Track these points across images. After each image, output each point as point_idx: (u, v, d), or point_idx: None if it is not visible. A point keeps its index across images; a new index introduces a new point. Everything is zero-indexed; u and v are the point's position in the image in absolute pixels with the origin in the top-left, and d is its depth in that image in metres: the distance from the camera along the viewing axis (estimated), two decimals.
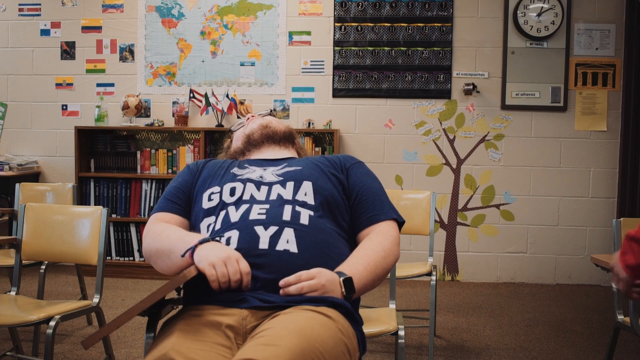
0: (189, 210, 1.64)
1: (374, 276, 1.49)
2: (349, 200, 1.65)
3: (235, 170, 1.68)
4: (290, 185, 1.58)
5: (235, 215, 1.51)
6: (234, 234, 1.45)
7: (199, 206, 1.60)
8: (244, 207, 1.52)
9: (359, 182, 1.68)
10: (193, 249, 1.40)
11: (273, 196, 1.55)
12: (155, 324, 1.52)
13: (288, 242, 1.44)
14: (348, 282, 1.41)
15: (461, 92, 4.63)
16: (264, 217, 1.48)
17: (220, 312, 1.35)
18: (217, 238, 1.47)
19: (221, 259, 1.34)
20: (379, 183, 1.72)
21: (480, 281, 4.68)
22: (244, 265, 1.37)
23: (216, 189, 1.60)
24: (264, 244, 1.43)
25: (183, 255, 1.40)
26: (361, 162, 1.77)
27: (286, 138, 1.84)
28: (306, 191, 1.57)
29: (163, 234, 1.53)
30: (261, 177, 1.62)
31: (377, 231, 1.59)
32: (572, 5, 4.57)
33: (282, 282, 1.36)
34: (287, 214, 1.49)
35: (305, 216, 1.51)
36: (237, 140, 1.89)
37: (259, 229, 1.45)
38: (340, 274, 1.42)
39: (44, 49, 4.98)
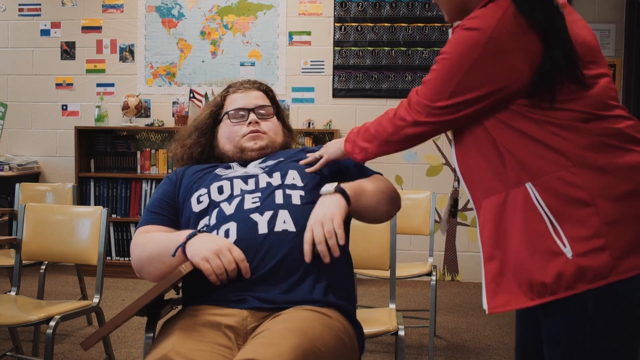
0: (175, 220, 1.62)
1: (362, 186, 1.54)
2: (339, 174, 1.66)
3: (219, 171, 1.66)
4: (277, 174, 1.58)
5: (229, 208, 1.50)
6: (231, 226, 1.45)
7: (189, 210, 1.58)
8: (236, 199, 1.52)
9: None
10: (183, 246, 1.39)
11: (262, 184, 1.55)
12: (155, 324, 1.52)
13: (285, 222, 1.44)
14: (326, 186, 1.48)
15: None
16: (258, 204, 1.48)
17: (221, 312, 1.35)
18: (203, 229, 1.46)
19: (213, 252, 1.34)
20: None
21: (480, 281, 4.67)
22: (237, 253, 1.36)
23: (203, 190, 1.58)
24: (262, 228, 1.43)
25: (174, 255, 1.39)
26: None
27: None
28: (294, 176, 1.58)
29: (150, 241, 1.51)
30: (245, 172, 1.62)
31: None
32: (572, 5, 4.56)
33: (307, 260, 1.38)
34: (279, 198, 1.50)
35: (296, 197, 1.51)
36: (226, 140, 1.73)
37: (255, 216, 1.45)
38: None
39: (44, 49, 4.98)
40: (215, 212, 1.52)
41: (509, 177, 1.24)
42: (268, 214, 1.45)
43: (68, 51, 4.96)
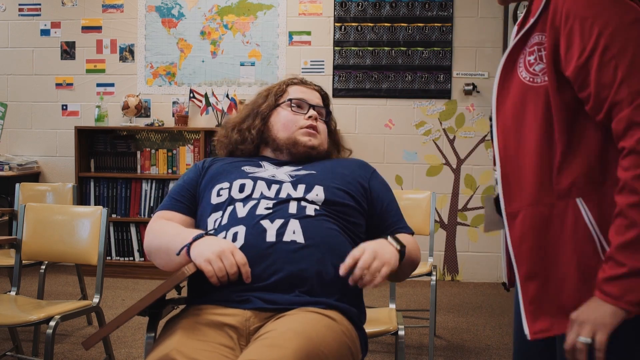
0: (193, 209, 1.63)
1: (409, 253, 1.50)
2: (371, 210, 1.63)
3: (247, 168, 1.64)
4: (301, 187, 1.55)
5: (242, 210, 1.49)
6: (240, 229, 1.44)
7: (206, 201, 1.58)
8: (251, 203, 1.50)
9: (381, 195, 1.66)
10: (188, 246, 1.39)
11: (282, 194, 1.52)
12: (156, 324, 1.52)
13: (294, 232, 1.42)
14: (394, 237, 1.44)
15: (461, 92, 4.63)
16: (270, 211, 1.47)
17: (223, 312, 1.35)
18: (211, 232, 1.47)
19: (216, 254, 1.34)
20: (392, 193, 1.74)
21: (480, 281, 4.68)
22: (240, 257, 1.35)
23: (225, 184, 1.57)
24: (271, 236, 1.41)
25: (178, 254, 1.40)
26: (375, 170, 1.75)
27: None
28: (317, 193, 1.54)
29: (161, 231, 1.53)
30: (273, 175, 1.60)
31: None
32: None
33: (342, 272, 1.36)
34: (293, 208, 1.48)
35: (311, 209, 1.49)
36: (281, 127, 1.70)
37: (265, 223, 1.44)
38: (383, 236, 1.45)
39: (44, 49, 4.98)
40: (229, 210, 1.51)
41: (560, 187, 1.12)
42: (278, 222, 1.44)
43: (68, 51, 4.96)
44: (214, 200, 1.56)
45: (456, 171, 4.69)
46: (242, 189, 1.55)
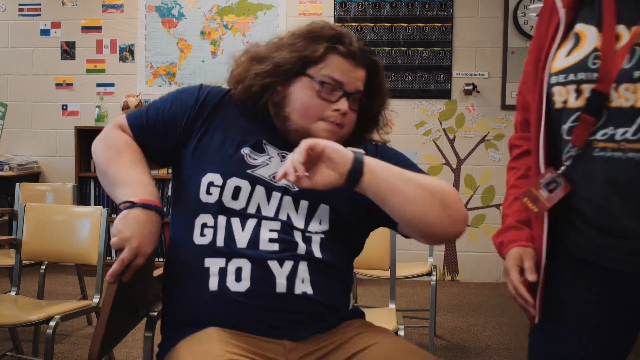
0: (160, 157, 1.42)
1: (400, 179, 1.23)
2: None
3: (248, 152, 1.35)
4: (304, 205, 1.33)
5: (241, 234, 1.29)
6: (244, 265, 1.27)
7: (193, 186, 1.34)
8: (250, 224, 1.30)
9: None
10: (120, 207, 1.25)
11: (282, 215, 1.31)
12: (155, 323, 1.52)
13: (303, 282, 1.28)
14: (358, 153, 1.19)
15: (461, 92, 4.63)
16: (276, 247, 1.28)
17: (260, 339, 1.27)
18: (163, 211, 1.30)
19: (125, 239, 1.21)
20: (405, 158, 1.48)
21: (480, 281, 4.68)
22: (139, 261, 1.24)
23: (218, 180, 1.31)
24: (281, 286, 1.26)
25: (119, 205, 1.26)
26: (380, 145, 1.50)
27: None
28: (321, 219, 1.33)
29: (115, 157, 1.35)
30: (273, 176, 1.33)
31: None
32: None
33: (280, 177, 1.16)
34: (299, 244, 1.29)
35: (316, 244, 1.32)
36: (299, 109, 1.34)
37: (273, 265, 1.27)
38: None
39: (44, 49, 4.98)
40: (222, 224, 1.30)
41: None
42: (287, 265, 1.27)
43: (68, 51, 4.96)
44: (204, 197, 1.32)
45: (456, 171, 4.69)
46: (235, 195, 1.31)
